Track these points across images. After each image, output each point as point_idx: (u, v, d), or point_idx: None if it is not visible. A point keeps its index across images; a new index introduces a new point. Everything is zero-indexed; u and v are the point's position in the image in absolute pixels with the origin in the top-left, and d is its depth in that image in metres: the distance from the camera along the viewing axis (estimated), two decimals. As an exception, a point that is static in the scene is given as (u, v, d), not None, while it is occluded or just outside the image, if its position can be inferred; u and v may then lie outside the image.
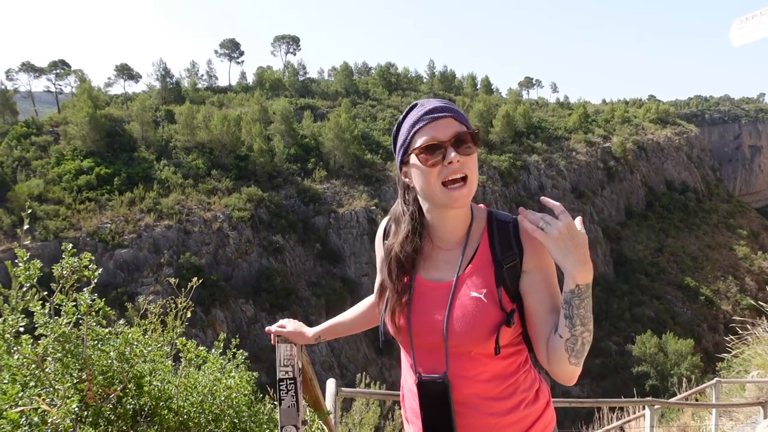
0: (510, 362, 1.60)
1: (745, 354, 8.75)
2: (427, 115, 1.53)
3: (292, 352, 1.95)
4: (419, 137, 1.53)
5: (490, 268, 1.56)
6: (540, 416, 1.64)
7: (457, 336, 1.53)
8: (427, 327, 1.58)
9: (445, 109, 1.53)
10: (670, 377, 36.58)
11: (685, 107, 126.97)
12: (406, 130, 1.57)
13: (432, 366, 1.59)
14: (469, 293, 1.54)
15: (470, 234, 1.62)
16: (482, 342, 1.52)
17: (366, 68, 77.55)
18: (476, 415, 1.57)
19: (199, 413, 2.34)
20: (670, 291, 53.90)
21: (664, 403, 6.91)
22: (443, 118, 1.52)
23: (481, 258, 1.59)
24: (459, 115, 1.55)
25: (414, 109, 1.58)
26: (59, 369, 1.87)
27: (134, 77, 60.12)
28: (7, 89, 48.99)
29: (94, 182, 37.60)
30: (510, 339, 1.57)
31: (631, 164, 68.46)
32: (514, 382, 1.60)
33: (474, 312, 1.52)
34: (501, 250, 1.57)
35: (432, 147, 1.50)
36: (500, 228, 1.61)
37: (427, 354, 1.60)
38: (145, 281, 31.86)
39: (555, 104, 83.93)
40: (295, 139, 48.90)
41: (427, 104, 1.56)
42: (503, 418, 1.57)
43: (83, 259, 1.99)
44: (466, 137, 1.51)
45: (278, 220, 40.29)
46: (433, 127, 1.51)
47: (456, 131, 1.51)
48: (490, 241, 1.60)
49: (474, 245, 1.61)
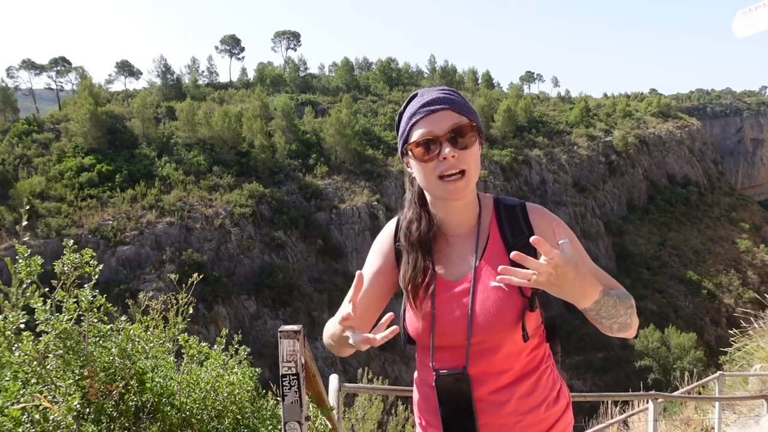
0: (532, 357, 1.56)
1: (748, 347, 8.75)
2: (424, 107, 1.49)
3: (294, 347, 1.94)
4: (415, 131, 1.49)
5: (505, 255, 1.52)
6: (560, 417, 1.60)
7: (482, 330, 1.49)
8: (451, 326, 1.53)
9: (444, 101, 1.49)
10: (672, 371, 36.59)
11: (687, 101, 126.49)
12: (404, 122, 1.54)
13: (452, 362, 1.54)
14: (489, 284, 1.51)
15: (480, 223, 1.59)
16: (509, 331, 1.48)
17: (367, 63, 77.35)
18: (497, 413, 1.52)
19: (201, 409, 2.33)
20: (672, 285, 53.85)
21: (668, 397, 6.89)
22: (440, 110, 1.47)
23: (494, 246, 1.56)
24: (458, 105, 1.50)
25: (413, 100, 1.54)
26: (61, 366, 1.87)
27: (135, 74, 60.03)
28: (8, 87, 49.12)
29: (95, 179, 37.67)
30: (534, 328, 1.54)
31: (633, 158, 68.31)
32: (536, 379, 1.56)
33: (497, 302, 1.49)
34: (512, 235, 1.54)
35: (427, 141, 1.47)
36: (508, 213, 1.58)
37: (447, 352, 1.55)
38: (147, 278, 31.92)
39: (556, 98, 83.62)
40: (296, 134, 48.88)
41: (426, 95, 1.52)
42: (524, 417, 1.53)
43: (84, 255, 1.98)
44: (464, 129, 1.47)
45: (280, 216, 40.31)
46: (429, 121, 1.47)
47: (453, 124, 1.46)
48: (500, 228, 1.57)
49: (485, 235, 1.58)
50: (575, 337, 39.61)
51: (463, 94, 1.55)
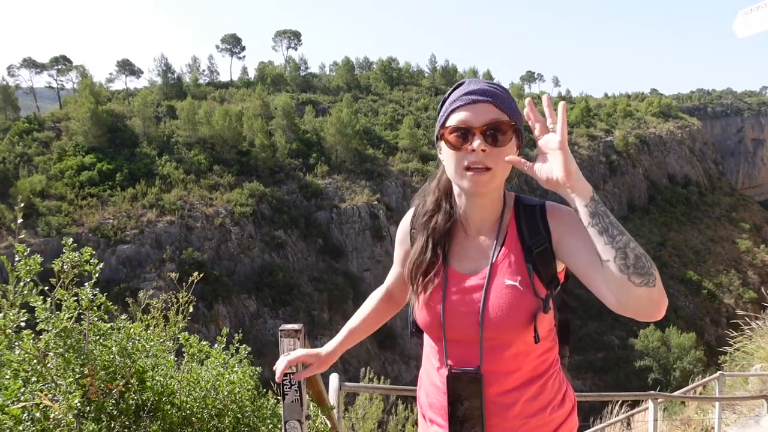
0: (542, 360, 1.55)
1: (748, 347, 8.75)
2: (466, 95, 1.47)
3: (295, 346, 1.94)
4: (454, 117, 1.47)
5: (521, 255, 1.51)
6: (565, 421, 1.59)
7: (494, 326, 1.47)
8: (462, 319, 1.52)
9: (487, 93, 1.46)
10: (672, 371, 36.62)
11: (688, 101, 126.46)
12: (445, 107, 1.52)
13: (465, 359, 1.53)
14: (504, 281, 1.49)
15: (502, 221, 1.58)
16: (521, 331, 1.47)
17: (367, 63, 77.37)
18: (503, 415, 1.51)
19: (202, 408, 2.33)
20: (672, 285, 53.85)
21: (668, 397, 6.89)
22: (482, 102, 1.45)
23: (511, 245, 1.54)
24: (501, 101, 1.47)
25: (459, 87, 1.52)
26: (61, 364, 1.87)
27: (136, 73, 60.09)
28: (9, 85, 49.10)
29: (96, 178, 37.66)
30: (547, 330, 1.53)
31: (634, 158, 68.37)
32: (544, 383, 1.55)
33: (510, 300, 1.47)
34: (529, 236, 1.52)
35: (460, 129, 1.45)
36: (527, 212, 1.56)
37: (459, 347, 1.54)
38: (147, 277, 31.91)
39: (557, 98, 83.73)
40: (296, 134, 48.88)
41: (472, 84, 1.50)
42: (529, 420, 1.52)
43: (84, 253, 1.98)
44: (501, 126, 1.44)
45: (280, 216, 40.32)
46: (468, 110, 1.45)
47: (491, 119, 1.43)
48: (518, 227, 1.55)
49: (504, 233, 1.57)
50: (575, 337, 39.63)
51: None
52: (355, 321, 1.87)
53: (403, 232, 1.75)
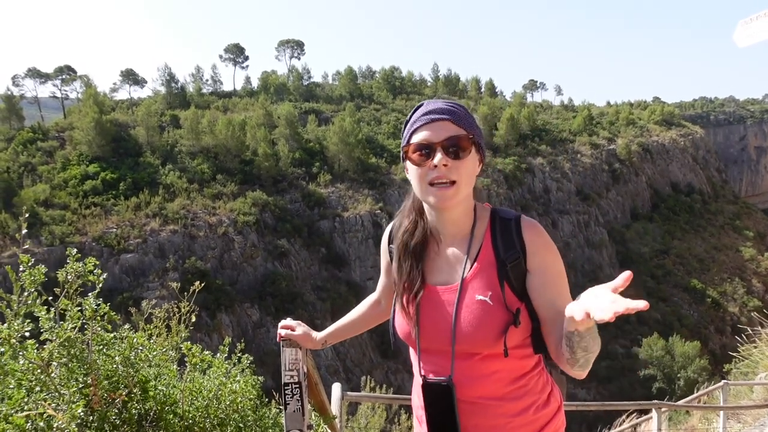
0: (522, 364, 1.59)
1: (753, 356, 8.70)
2: (425, 115, 1.56)
3: (297, 356, 1.94)
4: (415, 136, 1.56)
5: (494, 268, 1.55)
6: (550, 420, 1.63)
7: (465, 340, 1.53)
8: (435, 332, 1.58)
9: (444, 111, 1.55)
10: (677, 380, 36.39)
11: (690, 109, 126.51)
12: (407, 128, 1.61)
13: (437, 369, 1.59)
14: (475, 296, 1.54)
15: (474, 234, 1.62)
16: (491, 344, 1.51)
17: (370, 72, 77.64)
18: (485, 415, 1.56)
19: (204, 418, 2.34)
20: (676, 293, 53.65)
21: (672, 406, 6.86)
22: (440, 120, 1.54)
23: (485, 258, 1.58)
24: (458, 118, 1.55)
25: (418, 109, 1.60)
26: (64, 374, 1.88)
27: (139, 82, 60.26)
28: (14, 95, 49.30)
29: (99, 187, 37.74)
30: (520, 340, 1.56)
31: (636, 166, 68.27)
32: (525, 384, 1.59)
33: (480, 315, 1.51)
34: (504, 249, 1.56)
35: (422, 147, 1.54)
36: (503, 226, 1.60)
37: (433, 357, 1.60)
38: (150, 286, 31.91)
39: (559, 107, 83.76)
40: (299, 143, 48.97)
41: (430, 105, 1.58)
42: (513, 419, 1.57)
43: (88, 263, 1.99)
44: (460, 141, 1.53)
45: (283, 225, 40.32)
46: (428, 128, 1.54)
47: (450, 135, 1.52)
48: (493, 241, 1.59)
49: (477, 246, 1.60)
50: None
51: (465, 103, 1.61)
52: (342, 322, 2.06)
53: (383, 248, 1.85)
